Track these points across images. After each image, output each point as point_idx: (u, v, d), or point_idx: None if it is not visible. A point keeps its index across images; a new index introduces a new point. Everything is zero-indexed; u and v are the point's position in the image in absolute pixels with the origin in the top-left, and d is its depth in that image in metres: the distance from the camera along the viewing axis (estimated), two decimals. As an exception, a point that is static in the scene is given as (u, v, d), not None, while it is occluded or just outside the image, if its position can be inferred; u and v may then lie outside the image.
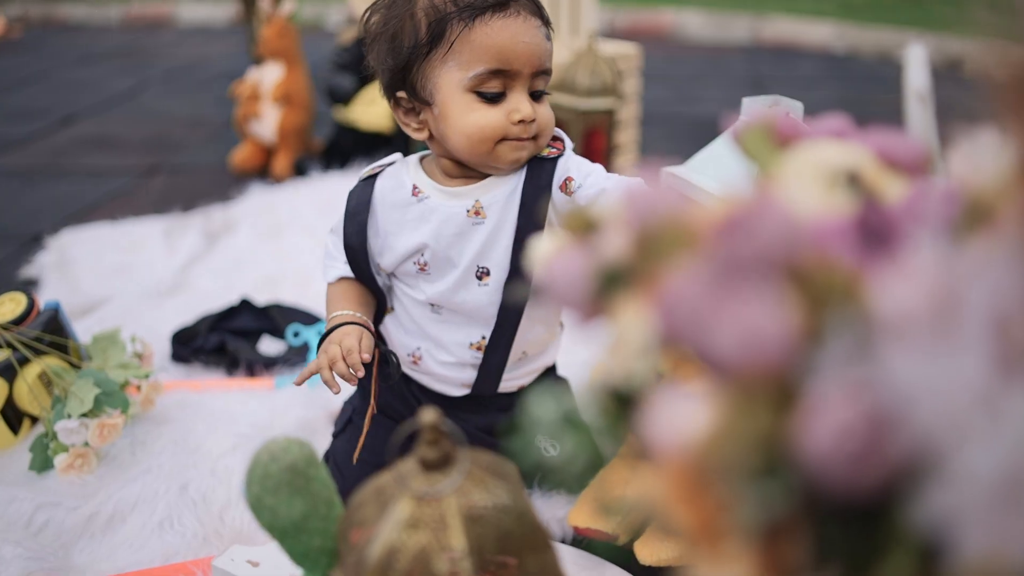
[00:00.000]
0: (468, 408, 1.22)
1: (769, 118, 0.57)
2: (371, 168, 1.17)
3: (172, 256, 2.11)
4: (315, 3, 5.99)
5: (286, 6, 2.82)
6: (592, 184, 1.08)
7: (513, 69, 1.04)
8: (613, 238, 0.46)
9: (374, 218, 1.14)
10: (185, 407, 1.48)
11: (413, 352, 1.19)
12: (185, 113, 3.72)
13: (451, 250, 1.11)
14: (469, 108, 1.04)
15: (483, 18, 1.02)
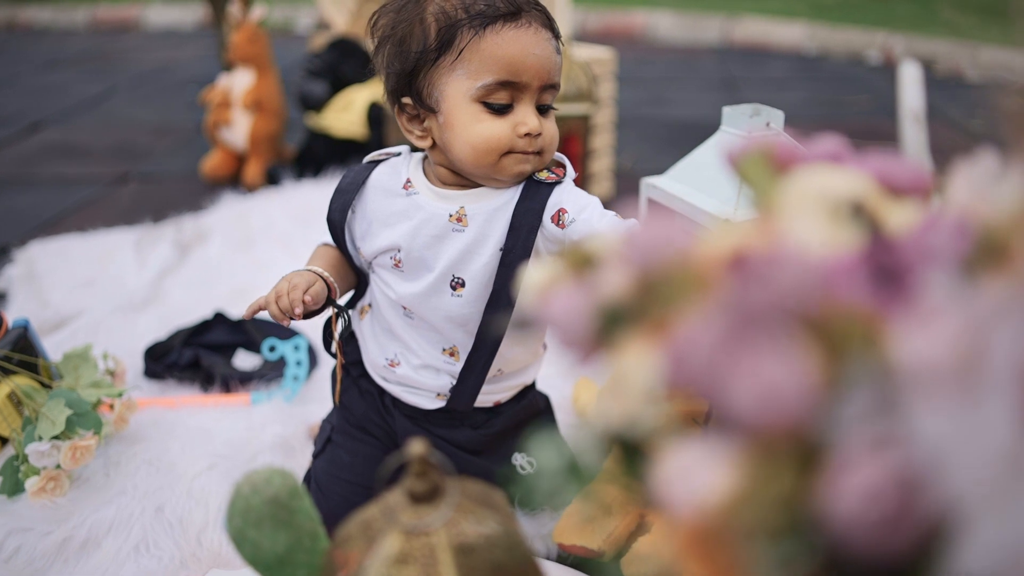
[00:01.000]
0: (443, 422, 1.20)
1: (766, 143, 0.56)
2: (377, 154, 1.18)
3: (143, 268, 2.07)
4: (284, 6, 5.94)
5: (256, 11, 2.78)
6: (585, 221, 1.06)
7: (522, 81, 1.02)
8: (612, 275, 0.45)
9: (363, 201, 1.14)
10: (159, 425, 1.45)
11: (391, 358, 1.17)
12: (154, 119, 3.67)
13: (427, 251, 1.09)
14: (476, 119, 1.03)
15: (494, 27, 1.01)
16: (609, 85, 2.58)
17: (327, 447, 1.26)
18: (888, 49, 4.72)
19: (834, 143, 0.57)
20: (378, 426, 1.24)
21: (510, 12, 1.01)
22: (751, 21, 5.39)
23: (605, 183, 2.67)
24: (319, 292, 1.07)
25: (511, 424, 1.23)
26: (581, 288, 0.45)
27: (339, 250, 1.18)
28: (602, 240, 0.49)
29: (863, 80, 4.34)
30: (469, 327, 1.12)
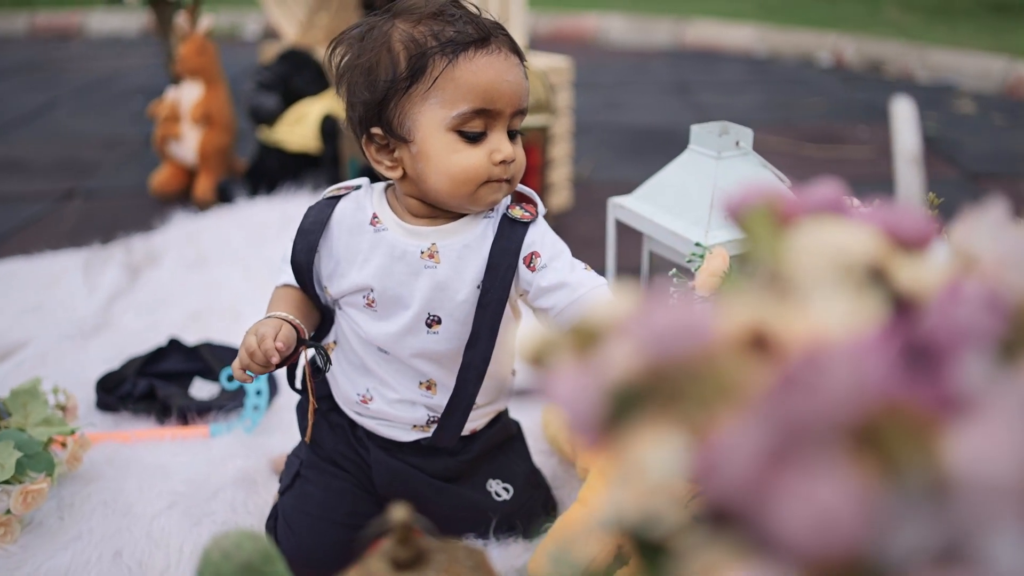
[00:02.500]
0: (419, 451, 1.18)
1: (769, 196, 0.53)
2: (336, 188, 1.14)
3: (92, 293, 2.00)
4: (230, 12, 5.84)
5: (204, 22, 2.72)
6: (557, 270, 1.06)
7: (496, 109, 1.00)
8: (619, 354, 0.42)
9: (328, 240, 1.11)
10: (115, 462, 1.39)
11: (363, 394, 1.15)
12: (100, 132, 3.57)
13: (402, 288, 1.07)
14: (451, 148, 1.00)
15: (466, 54, 0.98)
16: (566, 94, 2.55)
17: (296, 482, 1.22)
18: (838, 51, 4.76)
19: (832, 190, 0.55)
20: (350, 460, 1.21)
21: (480, 38, 0.99)
22: (701, 24, 5.41)
23: (563, 193, 2.64)
24: (289, 336, 1.04)
25: (486, 449, 1.22)
26: (587, 368, 0.42)
27: (301, 290, 1.15)
28: (603, 313, 0.46)
29: (815, 82, 4.37)
30: (444, 362, 1.11)
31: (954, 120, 3.59)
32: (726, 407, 0.34)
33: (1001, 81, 4.01)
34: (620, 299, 0.46)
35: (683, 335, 0.37)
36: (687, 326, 0.37)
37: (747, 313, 0.40)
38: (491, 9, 2.48)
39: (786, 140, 3.25)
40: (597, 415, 0.40)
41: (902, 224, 0.49)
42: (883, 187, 2.83)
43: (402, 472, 1.17)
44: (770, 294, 0.44)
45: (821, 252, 0.46)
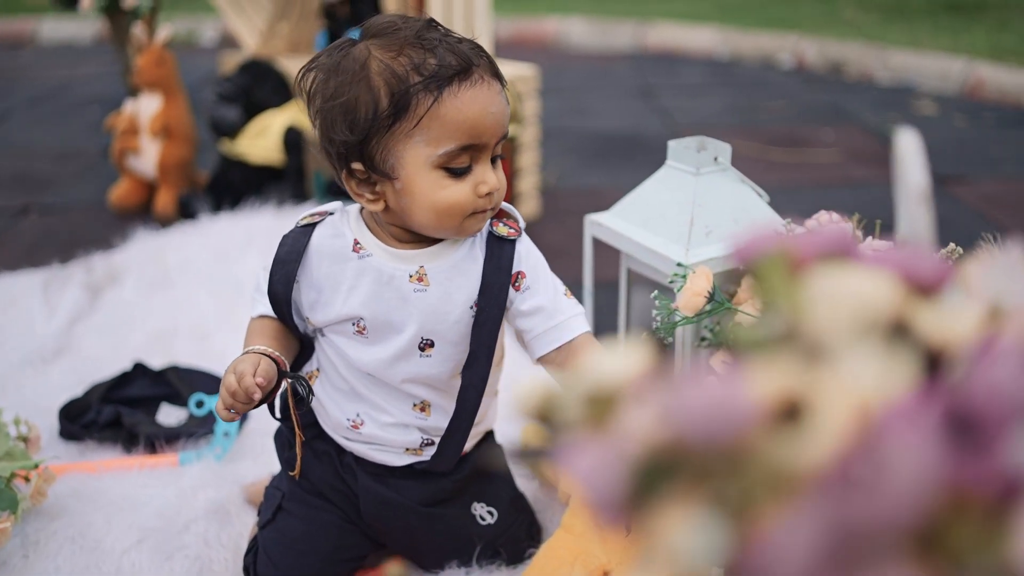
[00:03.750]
0: (410, 475, 1.16)
1: (780, 240, 0.51)
2: (310, 215, 1.11)
3: (52, 315, 1.94)
4: (186, 19, 5.75)
5: (162, 32, 2.66)
6: (538, 293, 1.08)
7: (482, 142, 0.98)
8: (639, 424, 0.39)
9: (307, 270, 1.08)
10: (81, 496, 1.35)
11: (353, 419, 1.13)
12: (55, 144, 3.48)
13: (393, 314, 1.06)
14: (438, 185, 0.98)
15: (451, 89, 0.95)
16: (533, 102, 2.53)
17: (277, 515, 1.19)
18: (800, 53, 4.78)
19: (840, 233, 0.53)
20: (336, 490, 1.18)
21: (462, 68, 0.96)
22: (663, 26, 5.42)
23: (531, 202, 2.62)
24: (268, 370, 1.02)
25: (475, 469, 1.21)
26: (607, 441, 0.39)
27: (279, 321, 1.12)
28: (615, 374, 0.43)
29: (777, 85, 4.38)
30: (437, 385, 1.11)
31: (916, 122, 3.61)
32: (770, 495, 0.32)
33: (961, 82, 4.04)
34: (631, 357, 0.44)
35: (718, 413, 0.34)
36: (721, 404, 0.35)
37: (778, 380, 0.38)
38: (456, 19, 2.45)
39: (752, 144, 3.25)
40: (621, 492, 0.38)
41: (918, 267, 0.48)
42: (849, 190, 2.84)
43: (390, 500, 1.15)
44: (797, 355, 0.42)
45: (841, 303, 0.44)
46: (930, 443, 0.30)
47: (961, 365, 0.40)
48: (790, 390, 0.38)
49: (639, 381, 0.43)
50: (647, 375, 0.43)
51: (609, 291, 1.56)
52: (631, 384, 0.43)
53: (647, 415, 0.39)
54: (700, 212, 1.24)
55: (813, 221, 1.28)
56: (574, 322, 1.09)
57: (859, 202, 2.73)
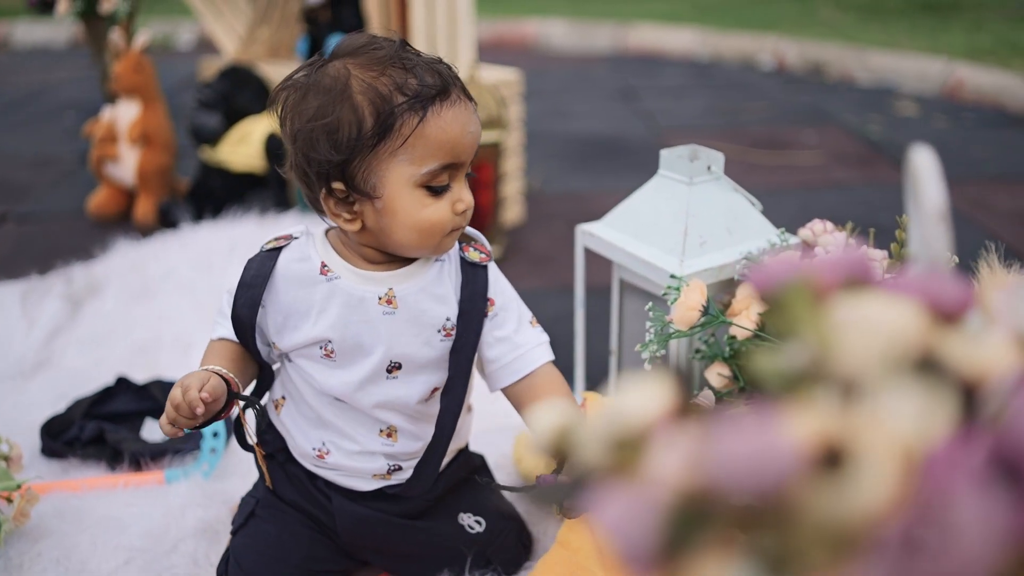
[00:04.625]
0: (382, 498, 1.15)
1: (801, 269, 0.50)
2: (275, 239, 1.09)
3: (32, 328, 1.91)
4: (162, 22, 5.69)
5: (140, 38, 2.62)
6: (505, 322, 1.10)
7: (461, 161, 0.99)
8: (669, 470, 0.38)
9: (274, 294, 1.06)
10: (65, 516, 1.32)
11: (319, 448, 1.12)
12: (31, 151, 3.43)
13: (362, 337, 1.05)
14: (420, 203, 0.98)
15: (434, 109, 0.96)
16: (517, 107, 2.52)
17: (249, 521, 1.17)
18: (779, 54, 4.79)
19: (859, 257, 0.51)
20: (312, 508, 1.17)
21: (442, 88, 0.97)
22: (643, 28, 5.42)
23: (516, 207, 2.61)
24: (216, 387, 0.99)
25: (451, 484, 1.20)
26: (638, 489, 0.37)
27: (239, 345, 1.10)
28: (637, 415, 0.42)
29: (757, 86, 4.39)
30: (405, 410, 1.10)
31: (897, 123, 3.63)
32: (819, 550, 0.30)
33: (940, 83, 4.06)
34: (654, 395, 0.42)
35: (759, 461, 0.33)
36: (762, 451, 0.33)
37: (815, 423, 0.37)
38: (439, 23, 2.43)
39: (735, 147, 3.25)
40: (653, 542, 0.36)
41: (940, 293, 0.46)
42: (833, 192, 2.84)
43: (368, 517, 1.14)
44: (831, 392, 0.40)
45: (870, 336, 0.43)
46: (989, 496, 0.29)
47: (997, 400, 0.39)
48: (829, 434, 0.36)
49: (664, 421, 0.41)
50: (672, 414, 0.42)
51: (598, 297, 1.55)
52: (656, 425, 0.41)
53: (677, 459, 0.38)
54: (694, 222, 1.23)
55: (807, 231, 1.27)
56: (536, 352, 1.11)
57: (844, 204, 2.74)
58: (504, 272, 1.15)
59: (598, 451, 0.42)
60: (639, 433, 0.41)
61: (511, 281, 1.15)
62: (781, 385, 0.44)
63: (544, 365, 1.10)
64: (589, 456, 0.42)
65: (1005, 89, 3.80)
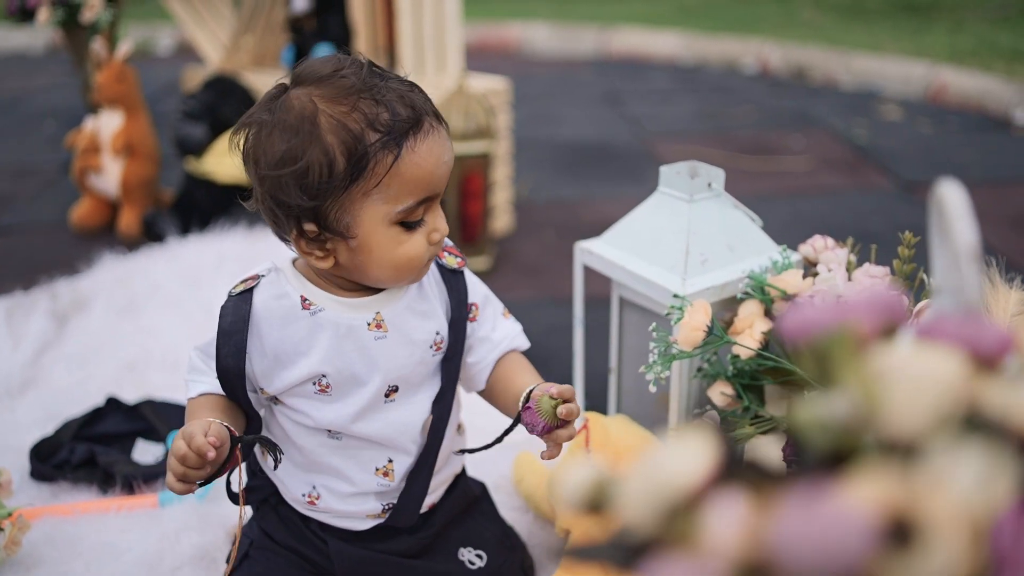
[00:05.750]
0: (378, 537, 1.12)
1: (842, 318, 0.48)
2: (243, 282, 1.03)
3: (17, 345, 1.87)
4: (142, 27, 5.64)
5: (122, 48, 2.59)
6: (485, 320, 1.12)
7: (436, 193, 0.96)
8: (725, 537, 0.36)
9: (257, 337, 1.01)
10: (57, 542, 1.29)
11: (308, 493, 1.09)
12: (10, 160, 3.39)
13: (357, 366, 1.02)
14: (396, 241, 0.95)
15: (408, 144, 0.91)
16: (505, 116, 2.50)
17: (243, 563, 1.14)
18: (763, 57, 4.80)
19: (893, 300, 0.50)
20: (303, 553, 1.13)
21: (415, 120, 0.92)
22: (626, 31, 5.41)
23: (505, 216, 2.59)
24: (220, 431, 0.93)
25: (449, 519, 1.17)
26: (694, 561, 0.36)
27: (224, 397, 1.04)
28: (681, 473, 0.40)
29: (742, 90, 4.39)
30: (401, 429, 1.06)
31: (883, 128, 3.64)
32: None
33: (923, 86, 4.08)
34: (698, 454, 0.41)
35: (831, 540, 0.32)
36: (833, 528, 0.32)
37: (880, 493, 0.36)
38: (426, 32, 2.41)
39: (723, 153, 3.24)
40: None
41: (979, 339, 0.45)
42: (822, 199, 2.84)
43: (367, 559, 1.10)
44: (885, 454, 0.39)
45: (918, 391, 0.42)
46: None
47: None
48: (894, 504, 0.35)
49: (711, 483, 0.40)
50: (717, 474, 0.40)
51: (594, 310, 1.53)
52: (702, 486, 0.40)
53: (734, 529, 0.37)
54: (695, 240, 1.22)
55: (807, 247, 1.26)
56: (514, 343, 1.13)
57: (833, 211, 2.74)
58: (495, 282, 1.15)
59: (643, 513, 0.41)
60: (685, 495, 0.40)
61: (503, 292, 1.14)
62: (824, 437, 0.43)
63: (509, 352, 1.12)
64: (633, 518, 0.41)
65: (988, 92, 3.82)
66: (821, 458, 0.42)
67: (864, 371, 0.44)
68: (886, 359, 0.43)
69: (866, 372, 0.44)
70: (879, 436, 0.40)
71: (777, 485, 0.40)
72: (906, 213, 2.71)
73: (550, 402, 0.97)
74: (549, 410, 0.97)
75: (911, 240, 1.20)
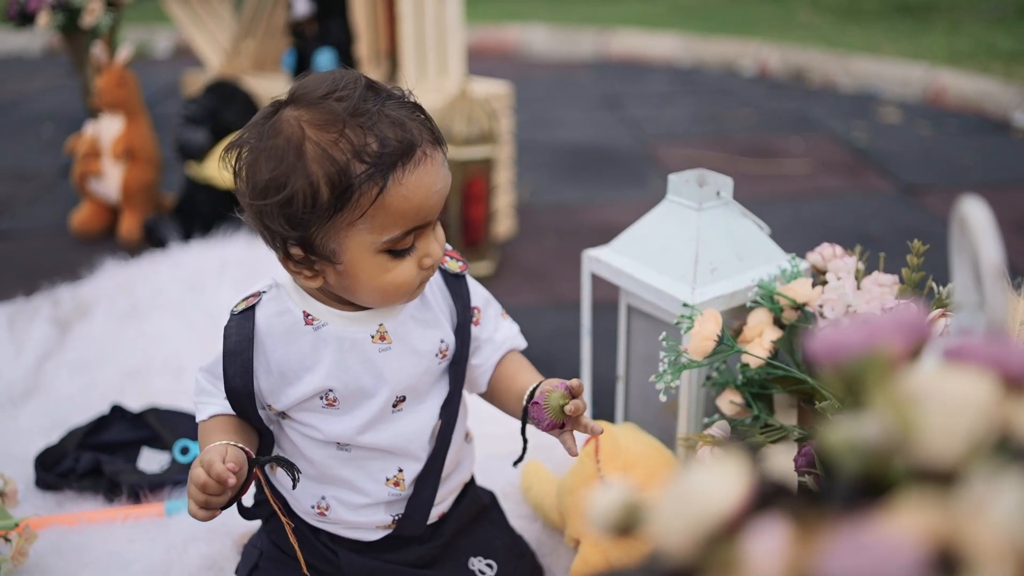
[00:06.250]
0: (389, 547, 1.11)
1: (873, 340, 0.48)
2: (244, 300, 1.02)
3: (20, 352, 1.87)
4: (139, 30, 5.63)
5: (123, 52, 2.58)
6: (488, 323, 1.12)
7: (426, 222, 0.94)
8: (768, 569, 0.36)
9: (262, 355, 1.00)
10: (63, 552, 1.29)
11: (317, 504, 1.08)
12: (8, 164, 3.38)
13: (362, 380, 1.01)
14: (382, 268, 0.93)
15: (395, 176, 0.89)
16: (507, 120, 2.50)
17: (254, 575, 1.13)
18: (762, 60, 4.80)
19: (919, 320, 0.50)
20: (316, 556, 1.12)
21: (406, 148, 0.89)
22: (624, 34, 5.41)
23: (507, 220, 2.59)
24: (237, 455, 0.93)
25: (459, 528, 1.16)
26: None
27: (236, 417, 1.04)
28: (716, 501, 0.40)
29: (741, 92, 4.39)
30: (409, 448, 1.06)
31: (882, 130, 3.64)
32: None
33: (922, 89, 4.08)
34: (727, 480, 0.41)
35: None
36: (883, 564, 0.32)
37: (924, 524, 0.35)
38: (428, 37, 2.41)
39: (722, 156, 3.24)
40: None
41: (1008, 359, 0.45)
42: (822, 202, 2.84)
43: (377, 569, 1.10)
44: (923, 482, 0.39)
45: (953, 416, 0.42)
46: None
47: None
48: (939, 535, 0.35)
49: (746, 508, 0.40)
50: (751, 499, 0.40)
51: (598, 315, 1.53)
52: (736, 513, 0.40)
53: (777, 560, 0.37)
54: (704, 249, 1.22)
55: (816, 255, 1.26)
56: (513, 343, 1.14)
57: (833, 214, 2.74)
58: (497, 287, 1.15)
59: (678, 539, 0.40)
60: (721, 521, 0.40)
61: (505, 297, 1.14)
62: (855, 461, 0.43)
63: (509, 352, 1.13)
64: (667, 543, 0.41)
65: (986, 95, 3.82)
66: (853, 482, 0.42)
67: (896, 394, 0.44)
68: (918, 382, 0.43)
69: (898, 395, 0.43)
70: (914, 461, 0.40)
71: (815, 512, 0.39)
72: (907, 217, 2.71)
73: (559, 399, 0.97)
74: (556, 407, 0.97)
75: (920, 248, 1.20)
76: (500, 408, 1.13)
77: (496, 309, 1.14)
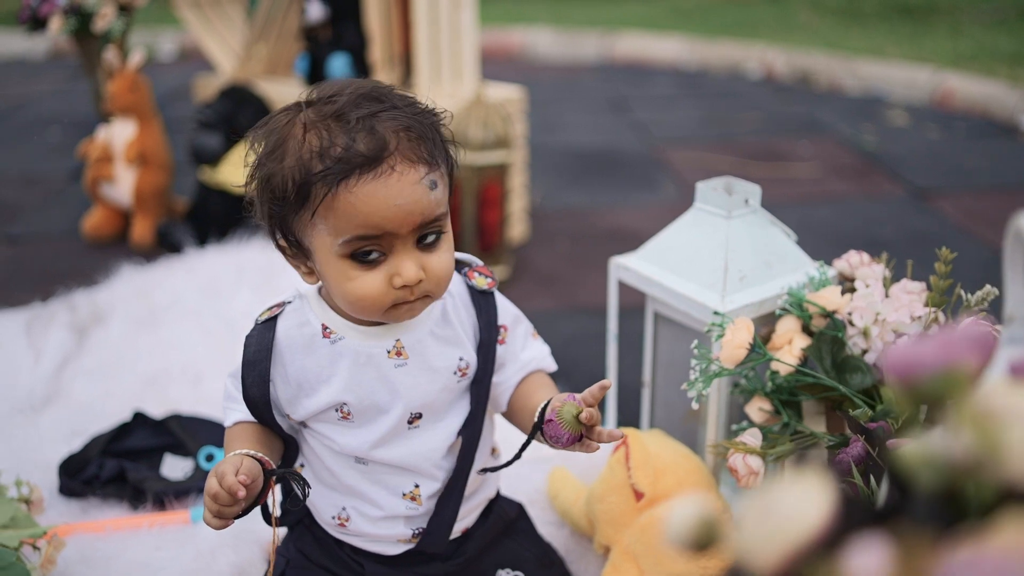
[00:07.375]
0: (409, 562, 1.11)
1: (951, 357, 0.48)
2: (268, 309, 1.04)
3: (38, 359, 1.87)
4: (142, 32, 5.62)
5: (135, 57, 2.59)
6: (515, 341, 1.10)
7: (387, 232, 0.91)
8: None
9: (280, 366, 1.02)
10: (91, 561, 1.29)
11: (338, 514, 1.08)
12: (17, 168, 3.38)
13: (377, 395, 1.01)
14: (345, 275, 0.93)
15: (347, 183, 0.88)
16: (521, 124, 2.50)
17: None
18: (767, 62, 4.81)
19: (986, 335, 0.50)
20: (342, 567, 1.12)
21: (369, 159, 0.89)
22: (629, 36, 5.42)
23: (520, 225, 2.59)
24: (251, 468, 0.94)
25: (484, 543, 1.15)
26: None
27: (258, 424, 1.05)
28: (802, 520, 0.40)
29: (747, 95, 4.40)
30: (425, 465, 1.05)
31: (890, 133, 3.64)
32: None
33: (929, 92, 4.09)
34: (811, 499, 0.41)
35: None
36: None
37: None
38: (443, 42, 2.41)
39: (731, 159, 3.25)
40: None
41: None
42: (831, 206, 2.84)
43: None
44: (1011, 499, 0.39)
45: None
46: None
47: None
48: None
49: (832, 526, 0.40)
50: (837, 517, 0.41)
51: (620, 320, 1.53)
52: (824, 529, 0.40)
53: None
54: (733, 257, 1.22)
55: (843, 262, 1.26)
56: (540, 365, 1.12)
57: (844, 218, 2.74)
58: (512, 292, 1.13)
59: (766, 557, 0.41)
60: (810, 539, 0.40)
61: (521, 302, 1.13)
62: (934, 478, 0.43)
63: (533, 372, 1.10)
64: (755, 562, 0.41)
65: (993, 98, 3.83)
66: (932, 499, 0.42)
67: (977, 411, 0.44)
68: (996, 399, 0.43)
69: (979, 412, 0.44)
70: (1000, 479, 0.40)
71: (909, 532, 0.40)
72: (918, 220, 2.71)
73: (572, 411, 0.94)
74: (571, 419, 0.94)
75: (948, 256, 1.20)
76: (518, 427, 1.10)
77: (526, 328, 1.12)
